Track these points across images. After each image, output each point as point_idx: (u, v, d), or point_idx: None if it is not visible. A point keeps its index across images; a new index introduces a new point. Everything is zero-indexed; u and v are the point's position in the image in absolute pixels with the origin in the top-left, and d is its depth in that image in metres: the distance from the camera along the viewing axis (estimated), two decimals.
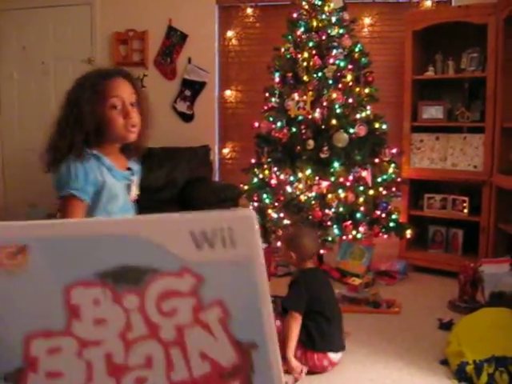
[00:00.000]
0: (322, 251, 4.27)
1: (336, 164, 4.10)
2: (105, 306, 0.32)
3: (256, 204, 4.36)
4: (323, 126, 4.15)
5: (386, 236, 4.34)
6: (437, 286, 4.32)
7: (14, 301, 0.31)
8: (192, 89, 5.65)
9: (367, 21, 5.28)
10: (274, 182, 4.29)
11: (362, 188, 4.17)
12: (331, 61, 4.22)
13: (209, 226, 0.34)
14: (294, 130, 4.19)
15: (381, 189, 4.30)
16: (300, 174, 4.10)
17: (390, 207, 4.34)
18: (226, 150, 5.71)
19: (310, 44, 4.26)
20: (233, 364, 0.33)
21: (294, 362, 2.82)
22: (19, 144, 6.07)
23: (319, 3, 4.32)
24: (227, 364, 0.33)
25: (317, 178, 4.09)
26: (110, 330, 0.32)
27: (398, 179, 4.46)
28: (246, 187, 4.51)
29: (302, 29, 4.33)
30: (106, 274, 0.32)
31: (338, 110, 4.15)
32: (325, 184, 4.09)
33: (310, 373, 2.86)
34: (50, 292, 0.31)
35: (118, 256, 0.32)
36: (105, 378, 0.31)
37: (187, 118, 5.68)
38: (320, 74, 4.20)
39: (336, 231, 4.10)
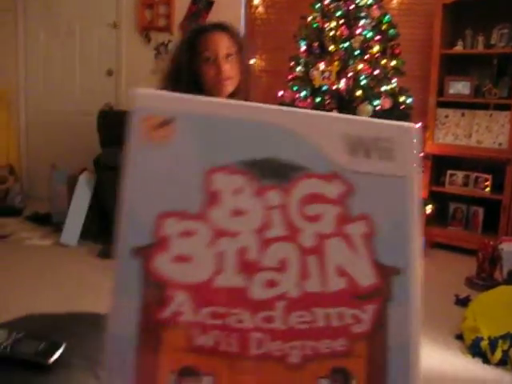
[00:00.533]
0: None
1: None
2: (246, 197, 0.29)
3: None
4: (348, 97, 4.11)
5: None
6: (455, 262, 4.31)
7: (153, 175, 0.28)
8: None
9: None
10: None
11: None
12: (358, 31, 4.17)
13: (367, 132, 0.31)
14: (318, 100, 4.16)
15: None
16: None
17: None
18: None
19: (338, 13, 4.21)
20: (370, 286, 0.31)
21: None
22: (43, 106, 6.11)
23: None
24: (364, 285, 0.30)
25: None
26: (248, 223, 0.29)
27: (421, 154, 4.41)
28: None
29: None
30: (253, 164, 0.29)
31: (364, 82, 4.11)
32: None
33: None
34: (190, 172, 0.29)
35: (267, 146, 0.30)
36: (234, 273, 0.29)
37: None
38: (346, 45, 4.15)
39: None
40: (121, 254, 0.28)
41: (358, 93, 4.08)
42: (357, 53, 4.16)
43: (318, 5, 4.31)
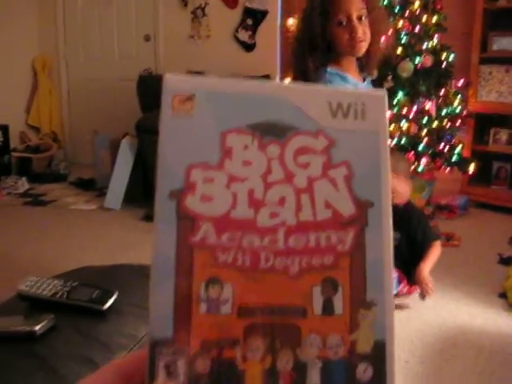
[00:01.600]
0: None
1: (400, 94, 4.01)
2: (252, 151, 0.38)
3: None
4: (388, 55, 4.04)
5: (448, 170, 4.26)
6: (498, 222, 4.26)
7: (182, 138, 0.38)
8: (254, 18, 5.57)
9: None
10: None
11: (425, 120, 4.09)
12: None
13: (345, 99, 0.40)
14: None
15: (445, 121, 4.19)
16: None
17: (453, 141, 4.25)
18: (287, 81, 5.66)
19: None
20: (350, 215, 0.38)
21: (425, 274, 2.84)
22: (84, 73, 6.19)
23: None
24: (346, 214, 0.38)
25: None
26: (254, 171, 0.38)
27: (464, 112, 4.33)
28: None
29: None
30: (256, 127, 0.38)
31: (404, 39, 4.03)
32: (388, 114, 4.02)
33: None
34: (210, 134, 0.38)
35: (267, 113, 0.39)
36: (245, 208, 0.38)
37: (249, 47, 5.63)
38: (386, 1, 4.06)
39: None
40: (160, 197, 0.37)
41: (399, 51, 4.00)
42: (397, 9, 4.07)
43: None
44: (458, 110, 4.25)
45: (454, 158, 4.22)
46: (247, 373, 0.37)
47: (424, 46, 4.09)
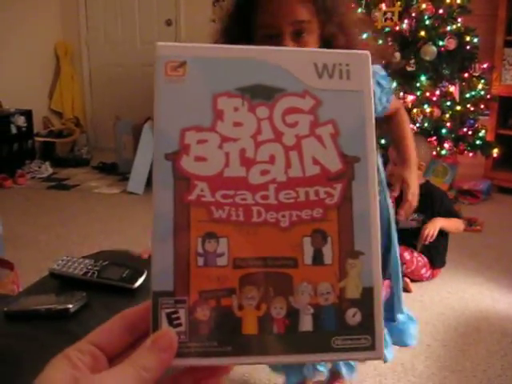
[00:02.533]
0: None
1: (423, 78, 3.97)
2: (242, 112, 0.40)
3: None
4: (411, 39, 4.00)
5: (471, 154, 4.22)
6: None
7: (175, 102, 0.40)
8: None
9: None
10: None
11: (448, 103, 4.05)
12: None
13: (330, 60, 0.42)
14: (380, 42, 4.07)
15: (468, 105, 4.15)
16: None
17: (477, 125, 4.21)
18: None
19: None
20: (338, 170, 0.41)
21: (434, 223, 2.86)
22: (106, 59, 6.22)
23: None
24: (333, 170, 0.41)
25: (402, 91, 3.99)
26: (245, 131, 0.40)
27: (488, 96, 4.28)
28: None
29: None
30: (245, 89, 0.40)
31: (427, 22, 3.98)
32: (410, 98, 3.99)
33: None
34: (202, 98, 0.40)
35: (255, 76, 0.41)
36: (238, 167, 0.40)
37: None
38: None
39: None
40: (157, 159, 0.39)
41: (422, 33, 3.96)
42: None
43: None
44: (481, 94, 4.20)
45: (478, 142, 4.18)
46: (244, 319, 0.40)
47: (448, 29, 4.03)
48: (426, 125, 3.99)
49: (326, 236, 0.41)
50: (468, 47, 4.11)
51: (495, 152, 4.26)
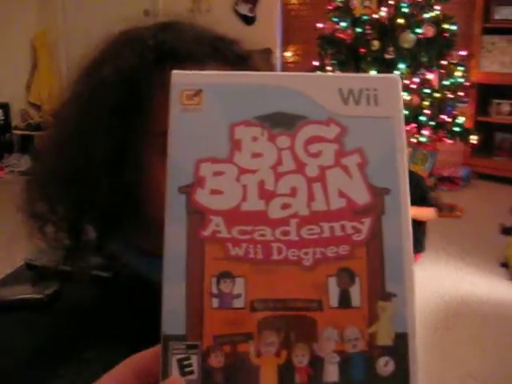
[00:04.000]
0: None
1: (401, 66, 3.99)
2: (261, 142, 0.38)
3: None
4: (389, 26, 4.01)
5: (450, 141, 4.25)
6: (500, 193, 4.26)
7: (190, 133, 0.38)
8: None
9: None
10: None
11: (427, 91, 4.07)
12: None
13: (356, 85, 0.39)
14: (358, 30, 4.07)
15: (447, 92, 4.17)
16: None
17: (455, 112, 4.23)
18: (288, 54, 5.63)
19: None
20: (366, 203, 0.37)
21: None
22: (83, 50, 6.13)
23: None
24: (361, 202, 0.38)
25: None
26: (264, 162, 0.38)
27: (466, 83, 4.31)
28: None
29: None
30: (265, 118, 0.38)
31: (405, 9, 3.99)
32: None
33: None
34: (218, 127, 0.38)
35: (275, 104, 0.38)
36: (256, 200, 0.37)
37: (249, 20, 5.59)
38: None
39: None
40: (170, 193, 0.37)
41: (400, 21, 3.97)
42: None
43: None
44: (460, 81, 4.22)
45: (457, 130, 4.21)
46: (262, 368, 0.36)
47: (426, 16, 4.05)
48: (405, 112, 4.00)
49: (354, 275, 0.37)
50: (446, 35, 4.13)
51: (474, 139, 4.28)
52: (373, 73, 3.92)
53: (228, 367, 0.36)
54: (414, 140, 4.04)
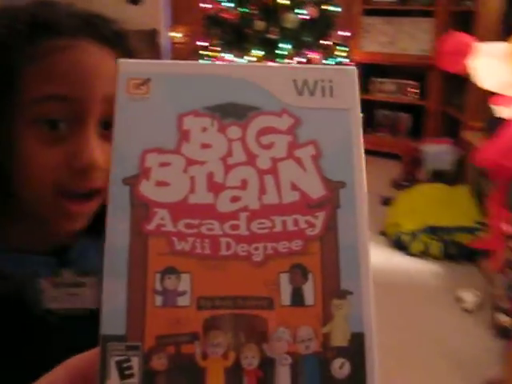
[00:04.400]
0: None
1: (285, 46, 4.07)
2: (211, 133, 0.37)
3: None
4: (273, 7, 4.08)
5: None
6: (383, 167, 4.47)
7: (137, 122, 0.36)
8: None
9: None
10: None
11: None
12: None
13: (311, 76, 0.38)
14: (243, 10, 4.11)
15: None
16: (248, 57, 4.07)
17: None
18: (176, 34, 5.58)
19: None
20: (320, 197, 0.36)
21: None
22: None
23: None
24: (315, 196, 0.36)
25: (266, 60, 4.07)
26: (214, 153, 0.36)
27: (349, 63, 4.47)
28: None
29: None
30: (215, 108, 0.37)
31: None
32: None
33: None
34: (166, 117, 0.37)
35: (227, 94, 0.37)
36: (204, 192, 0.36)
37: (134, 0, 5.48)
38: None
39: None
40: (113, 184, 0.35)
41: (283, 1, 4.05)
42: None
43: None
44: (342, 61, 4.37)
45: None
46: (208, 370, 0.34)
47: None
48: None
49: (307, 272, 0.35)
50: (328, 15, 4.26)
51: None
52: (257, 53, 3.99)
53: (171, 370, 0.34)
54: None
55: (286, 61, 4.00)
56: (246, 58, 4.07)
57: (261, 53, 4.02)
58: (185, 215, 0.35)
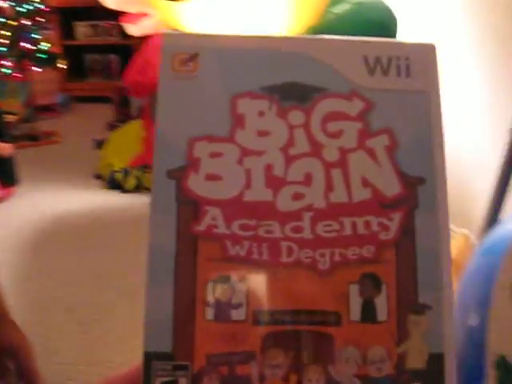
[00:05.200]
0: None
1: None
2: (269, 118, 0.31)
3: None
4: None
5: (39, 69, 4.23)
6: (98, 112, 4.47)
7: (183, 105, 0.31)
8: None
9: None
10: None
11: (1, 20, 3.93)
12: None
13: (385, 52, 0.33)
14: None
15: (25, 20, 4.09)
16: None
17: (39, 39, 4.20)
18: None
19: None
20: (395, 195, 0.32)
21: None
22: None
23: None
24: (389, 194, 0.32)
25: None
26: (273, 142, 0.31)
27: (45, 9, 4.28)
28: None
29: None
30: (273, 89, 0.31)
31: None
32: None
33: None
34: (217, 99, 0.31)
35: (287, 73, 0.31)
36: (262, 188, 0.31)
37: None
38: None
39: None
40: (157, 177, 0.31)
41: None
42: None
43: None
44: (38, 7, 4.17)
45: (42, 56, 4.20)
46: None
47: None
48: None
49: (380, 283, 0.31)
50: None
51: (63, 64, 4.34)
52: None
53: None
54: None
55: None
56: None
57: None
58: (240, 215, 0.31)
